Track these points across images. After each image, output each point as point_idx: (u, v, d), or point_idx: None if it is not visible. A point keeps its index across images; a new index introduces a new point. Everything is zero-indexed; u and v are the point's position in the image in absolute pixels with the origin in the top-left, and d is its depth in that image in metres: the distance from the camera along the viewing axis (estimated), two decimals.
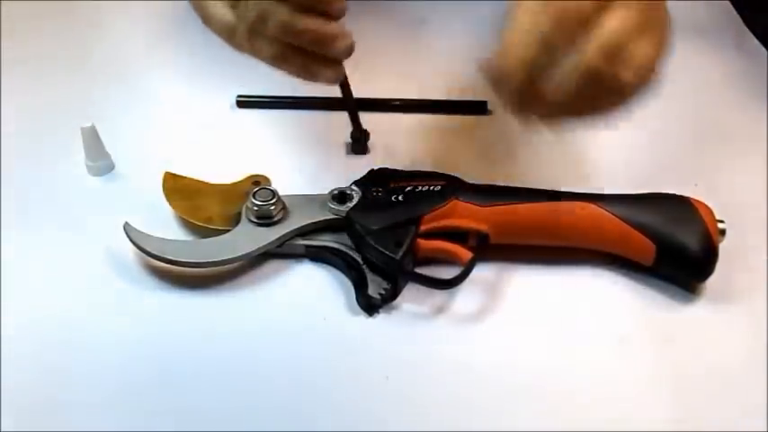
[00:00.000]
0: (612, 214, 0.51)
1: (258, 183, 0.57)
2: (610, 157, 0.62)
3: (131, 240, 0.52)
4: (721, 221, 0.51)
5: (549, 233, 0.53)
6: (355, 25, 0.46)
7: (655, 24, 0.45)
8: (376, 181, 0.54)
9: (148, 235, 0.53)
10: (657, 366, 0.49)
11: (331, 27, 0.46)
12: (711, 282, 0.52)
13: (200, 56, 0.74)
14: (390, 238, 0.51)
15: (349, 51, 0.47)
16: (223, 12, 0.47)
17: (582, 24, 0.43)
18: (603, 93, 0.45)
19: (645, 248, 0.51)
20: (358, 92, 0.51)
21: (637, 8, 0.44)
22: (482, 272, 0.53)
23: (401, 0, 0.48)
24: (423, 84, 0.69)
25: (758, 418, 0.46)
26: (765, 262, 0.54)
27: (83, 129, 0.59)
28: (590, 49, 0.43)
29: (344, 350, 0.49)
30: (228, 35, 0.48)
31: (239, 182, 0.57)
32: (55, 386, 0.47)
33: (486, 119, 0.68)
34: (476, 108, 0.68)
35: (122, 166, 0.62)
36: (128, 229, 0.53)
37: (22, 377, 0.47)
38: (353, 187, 0.55)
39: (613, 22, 0.43)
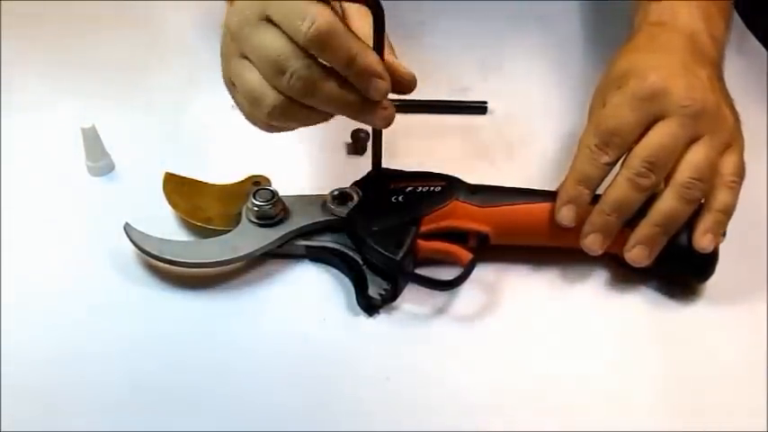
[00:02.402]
0: None
1: (258, 183, 0.57)
2: None
3: (132, 241, 0.52)
4: None
5: (549, 234, 0.53)
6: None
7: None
8: (376, 182, 0.54)
9: (149, 235, 0.52)
10: (658, 366, 0.49)
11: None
12: (711, 282, 0.52)
13: (201, 56, 0.74)
14: (390, 239, 0.51)
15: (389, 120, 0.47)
16: (252, 77, 0.45)
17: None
18: None
19: None
20: None
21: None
22: (482, 272, 0.53)
23: (401, 0, 0.48)
24: (423, 84, 0.69)
25: (758, 417, 0.46)
26: (765, 262, 0.54)
27: (83, 129, 0.59)
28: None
29: (344, 350, 0.49)
30: (251, 104, 0.46)
31: (239, 182, 0.57)
32: (55, 386, 0.47)
33: (486, 119, 0.68)
34: (476, 108, 0.68)
35: (122, 166, 0.62)
36: (128, 229, 0.53)
37: (23, 377, 0.47)
38: (354, 188, 0.55)
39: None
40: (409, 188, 0.53)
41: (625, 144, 0.50)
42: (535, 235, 0.53)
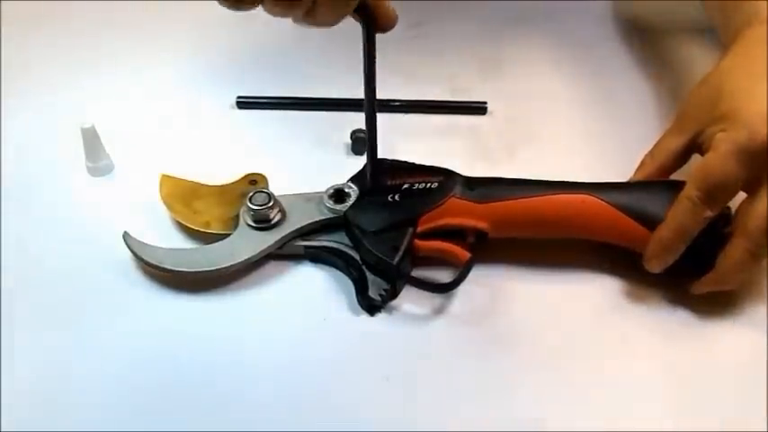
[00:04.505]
0: (612, 206, 0.51)
1: (255, 182, 0.56)
2: (610, 155, 0.62)
3: (131, 250, 0.52)
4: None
5: (548, 228, 0.52)
6: (355, 26, 0.47)
7: None
8: (373, 177, 0.54)
9: (147, 244, 0.53)
10: (658, 366, 0.49)
11: None
12: None
13: (201, 56, 0.74)
14: (387, 242, 0.51)
15: None
16: None
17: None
18: None
19: (647, 239, 0.50)
20: (358, 92, 0.51)
21: None
22: (482, 272, 0.52)
23: (401, 0, 0.48)
24: (423, 84, 0.70)
25: (758, 417, 0.46)
26: (765, 261, 0.54)
27: (83, 129, 0.59)
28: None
29: (344, 350, 0.49)
30: None
31: (236, 182, 0.57)
32: (55, 387, 0.47)
33: (486, 119, 0.68)
34: (476, 108, 0.68)
35: (122, 166, 0.62)
36: (127, 239, 0.53)
37: (22, 378, 0.47)
38: (350, 184, 0.55)
39: None
40: (405, 185, 0.53)
41: (729, 199, 0.49)
42: (534, 229, 0.53)
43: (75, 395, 0.47)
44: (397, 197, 0.53)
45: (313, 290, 0.53)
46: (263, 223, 0.53)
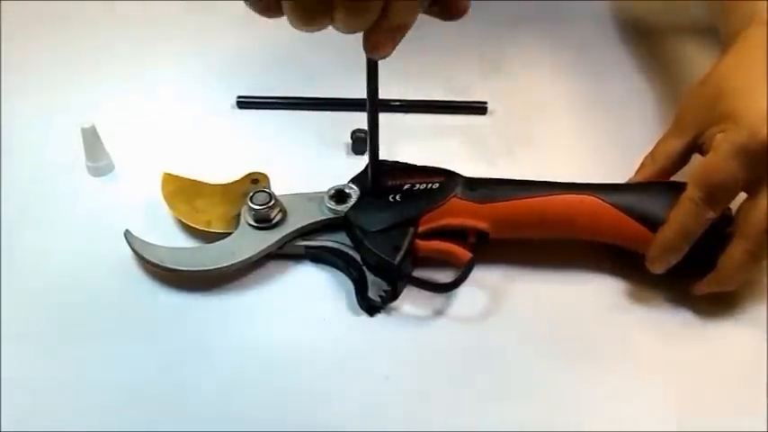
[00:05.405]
0: (614, 206, 0.51)
1: (257, 181, 0.56)
2: (610, 155, 0.62)
3: (132, 249, 0.52)
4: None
5: (549, 228, 0.52)
6: None
7: None
8: (374, 178, 0.54)
9: (148, 243, 0.52)
10: (658, 366, 0.49)
11: None
12: None
13: (200, 56, 0.74)
14: (388, 242, 0.51)
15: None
16: None
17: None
18: None
19: (648, 240, 0.50)
20: (358, 92, 0.51)
21: None
22: (482, 273, 0.52)
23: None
24: (423, 84, 0.70)
25: (758, 418, 0.46)
26: (766, 262, 0.54)
27: (83, 129, 0.59)
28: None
29: (344, 350, 0.49)
30: None
31: (237, 181, 0.57)
32: (55, 386, 0.47)
33: (486, 119, 0.68)
34: (476, 108, 0.68)
35: (122, 166, 0.62)
36: (128, 237, 0.53)
37: (22, 377, 0.47)
38: (351, 185, 0.55)
39: None
40: (407, 185, 0.53)
41: (731, 200, 0.49)
42: (535, 230, 0.53)
43: (75, 394, 0.47)
44: (398, 197, 0.53)
45: (313, 290, 0.53)
46: (263, 223, 0.53)
